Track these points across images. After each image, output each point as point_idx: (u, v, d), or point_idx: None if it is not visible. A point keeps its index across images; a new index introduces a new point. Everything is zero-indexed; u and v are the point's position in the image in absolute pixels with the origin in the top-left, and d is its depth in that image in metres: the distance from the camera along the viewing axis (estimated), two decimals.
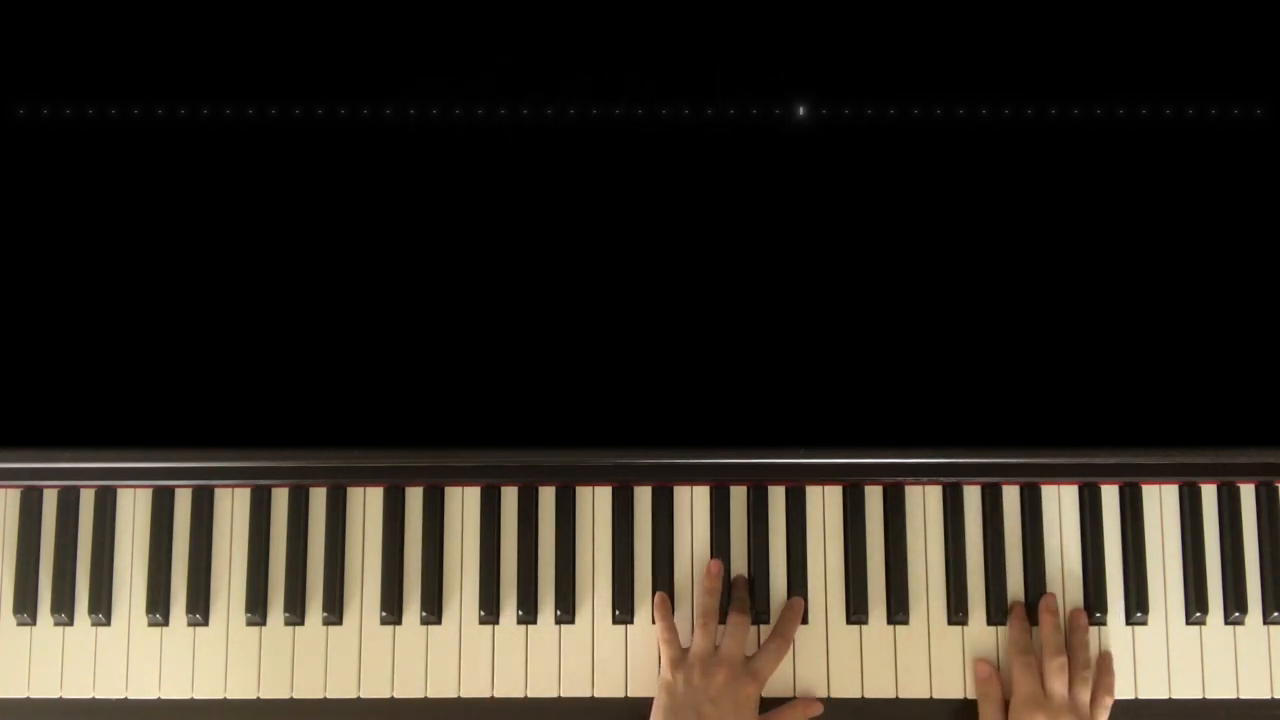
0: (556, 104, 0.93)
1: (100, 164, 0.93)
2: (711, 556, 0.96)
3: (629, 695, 0.94)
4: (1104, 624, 0.94)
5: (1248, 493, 0.96)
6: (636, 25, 0.94)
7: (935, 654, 0.94)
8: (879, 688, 0.94)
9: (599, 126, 0.94)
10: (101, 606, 0.96)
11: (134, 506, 0.97)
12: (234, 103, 0.93)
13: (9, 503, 0.98)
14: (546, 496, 0.97)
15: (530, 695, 0.94)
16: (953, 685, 0.94)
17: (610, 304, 0.92)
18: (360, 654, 0.95)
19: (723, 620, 0.94)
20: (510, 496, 0.97)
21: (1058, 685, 0.90)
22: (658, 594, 0.95)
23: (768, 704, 0.92)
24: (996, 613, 0.94)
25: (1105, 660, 0.93)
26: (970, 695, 0.94)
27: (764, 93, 0.93)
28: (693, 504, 0.97)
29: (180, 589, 0.96)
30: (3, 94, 0.93)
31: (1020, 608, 0.94)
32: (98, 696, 0.95)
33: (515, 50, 0.94)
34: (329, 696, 0.95)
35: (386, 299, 0.92)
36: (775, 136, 0.93)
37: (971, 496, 0.97)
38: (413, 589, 0.96)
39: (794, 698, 0.93)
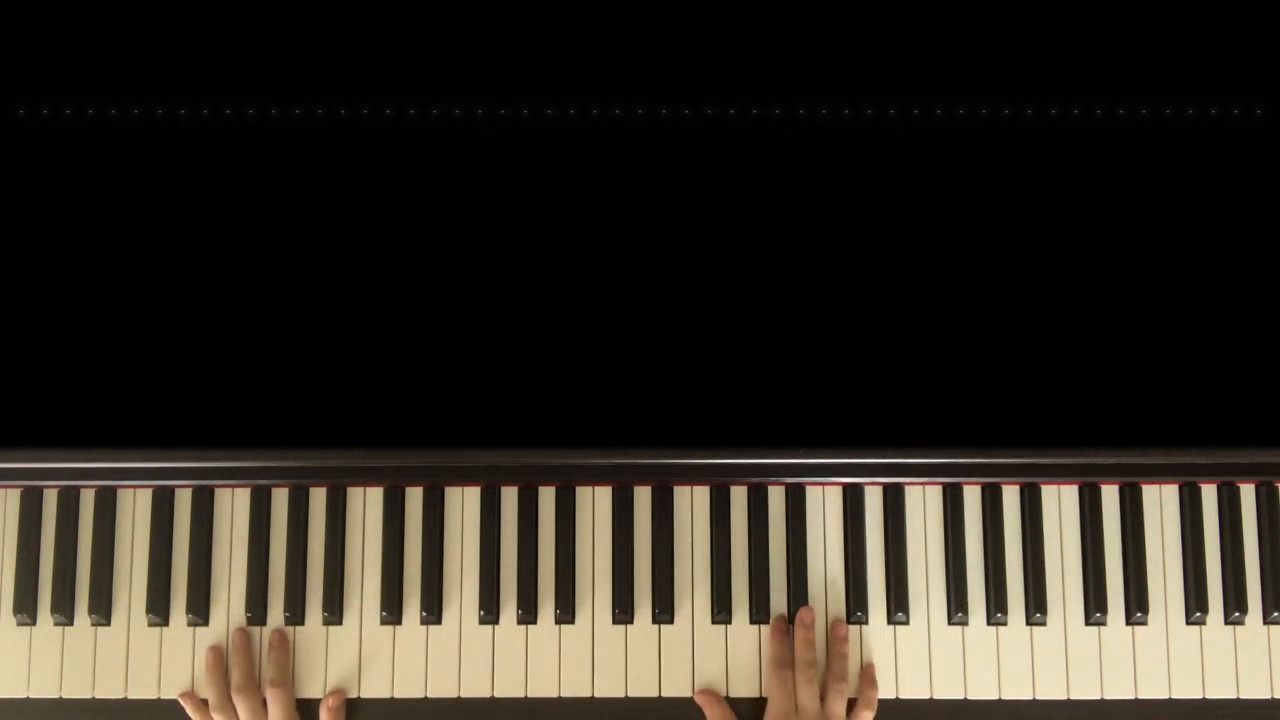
0: (557, 104, 0.93)
1: (100, 164, 0.93)
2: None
3: (629, 695, 0.94)
4: (1104, 624, 0.94)
5: (1248, 493, 0.96)
6: (639, 25, 0.94)
7: (935, 654, 0.94)
8: (879, 688, 0.94)
9: (600, 127, 0.94)
10: (101, 606, 0.96)
11: (134, 506, 0.97)
12: (234, 103, 0.93)
13: (9, 503, 0.98)
14: (546, 496, 0.97)
15: (530, 695, 0.94)
16: (953, 685, 0.94)
17: (610, 304, 0.92)
18: (360, 654, 0.95)
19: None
20: (510, 496, 0.97)
21: (806, 697, 0.90)
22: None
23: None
24: (996, 613, 0.94)
25: (867, 673, 0.93)
26: (971, 696, 0.94)
27: (764, 93, 0.93)
28: (693, 504, 0.97)
29: (180, 589, 0.96)
30: (3, 94, 0.93)
31: (780, 622, 0.94)
32: (98, 696, 0.95)
33: (515, 51, 0.94)
34: None
35: (386, 299, 0.92)
36: (776, 137, 0.93)
37: (971, 496, 0.97)
38: (413, 589, 0.96)
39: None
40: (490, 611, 0.95)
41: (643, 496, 0.97)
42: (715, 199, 0.93)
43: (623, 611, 0.95)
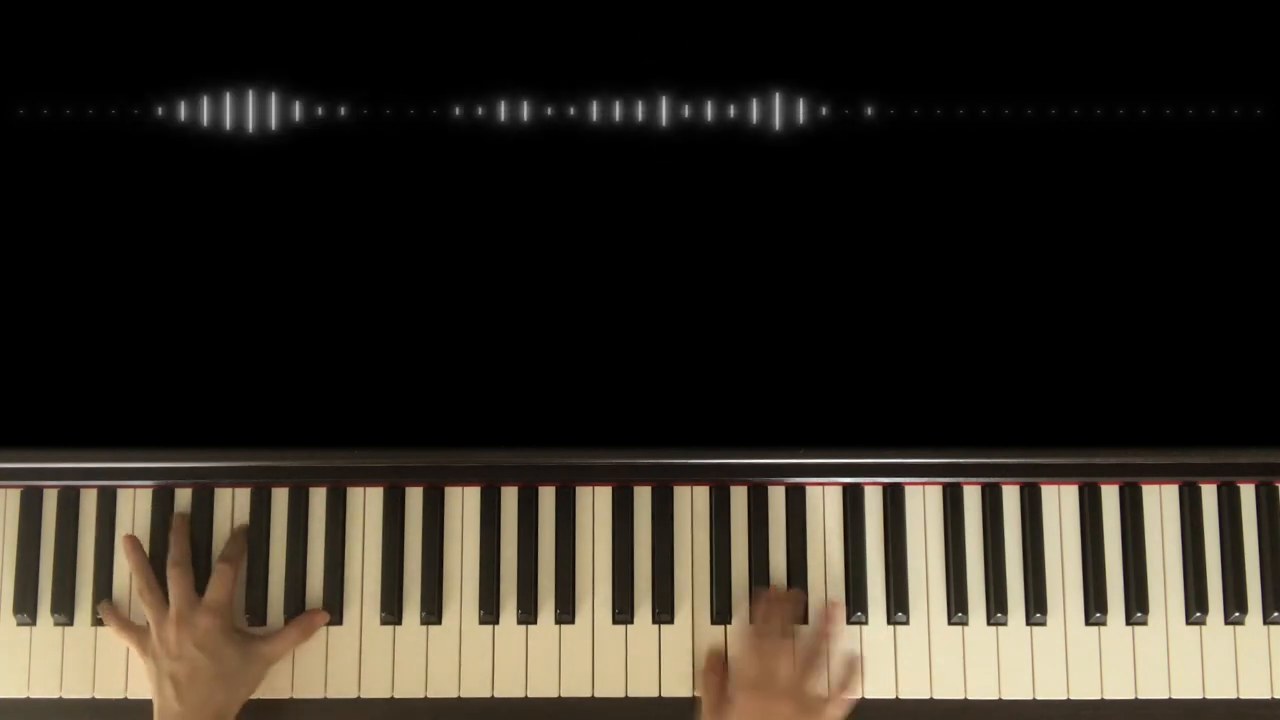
0: (557, 105, 0.93)
1: (100, 164, 0.93)
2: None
3: (629, 695, 0.94)
4: (1104, 624, 0.94)
5: (1248, 493, 0.96)
6: (637, 27, 0.94)
7: (935, 654, 0.94)
8: (879, 688, 0.94)
9: (601, 127, 0.94)
10: None
11: (134, 506, 0.97)
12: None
13: (9, 503, 0.98)
14: (546, 496, 0.97)
15: (530, 695, 0.94)
16: (953, 685, 0.94)
17: (611, 304, 0.92)
18: (360, 654, 0.95)
19: None
20: (510, 496, 0.97)
21: (780, 668, 0.88)
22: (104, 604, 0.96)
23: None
24: (996, 613, 0.94)
25: (851, 661, 0.93)
26: (971, 696, 0.94)
27: (763, 93, 0.93)
28: (693, 504, 0.97)
29: None
30: (3, 94, 0.93)
31: (771, 590, 0.94)
32: (98, 696, 0.95)
33: (515, 51, 0.94)
34: (329, 696, 0.95)
35: (386, 300, 0.92)
36: (777, 137, 0.93)
37: (971, 496, 0.97)
38: (413, 589, 0.96)
39: None
40: (490, 611, 0.95)
41: (643, 496, 0.97)
42: (717, 200, 0.93)
43: (623, 611, 0.95)
